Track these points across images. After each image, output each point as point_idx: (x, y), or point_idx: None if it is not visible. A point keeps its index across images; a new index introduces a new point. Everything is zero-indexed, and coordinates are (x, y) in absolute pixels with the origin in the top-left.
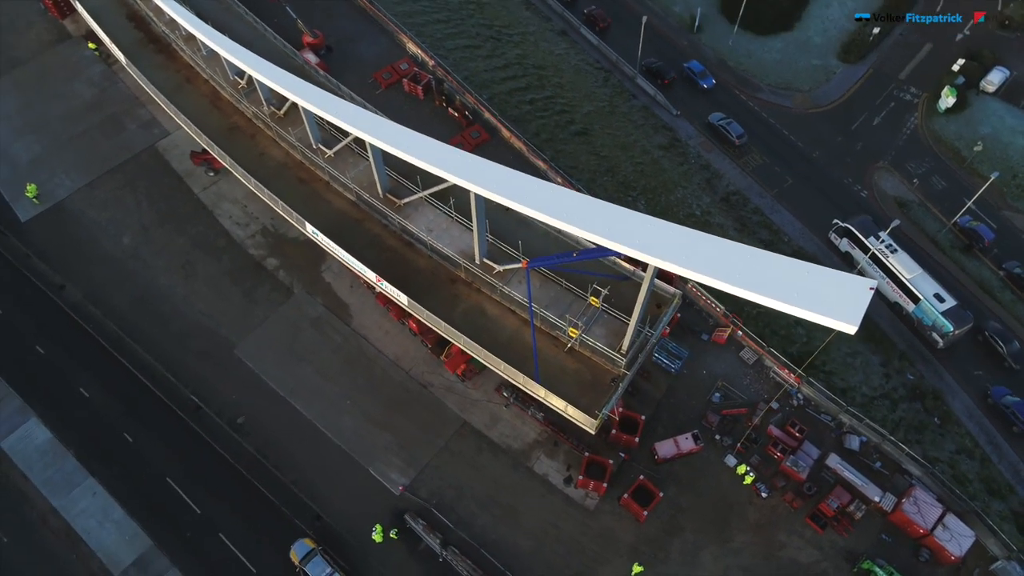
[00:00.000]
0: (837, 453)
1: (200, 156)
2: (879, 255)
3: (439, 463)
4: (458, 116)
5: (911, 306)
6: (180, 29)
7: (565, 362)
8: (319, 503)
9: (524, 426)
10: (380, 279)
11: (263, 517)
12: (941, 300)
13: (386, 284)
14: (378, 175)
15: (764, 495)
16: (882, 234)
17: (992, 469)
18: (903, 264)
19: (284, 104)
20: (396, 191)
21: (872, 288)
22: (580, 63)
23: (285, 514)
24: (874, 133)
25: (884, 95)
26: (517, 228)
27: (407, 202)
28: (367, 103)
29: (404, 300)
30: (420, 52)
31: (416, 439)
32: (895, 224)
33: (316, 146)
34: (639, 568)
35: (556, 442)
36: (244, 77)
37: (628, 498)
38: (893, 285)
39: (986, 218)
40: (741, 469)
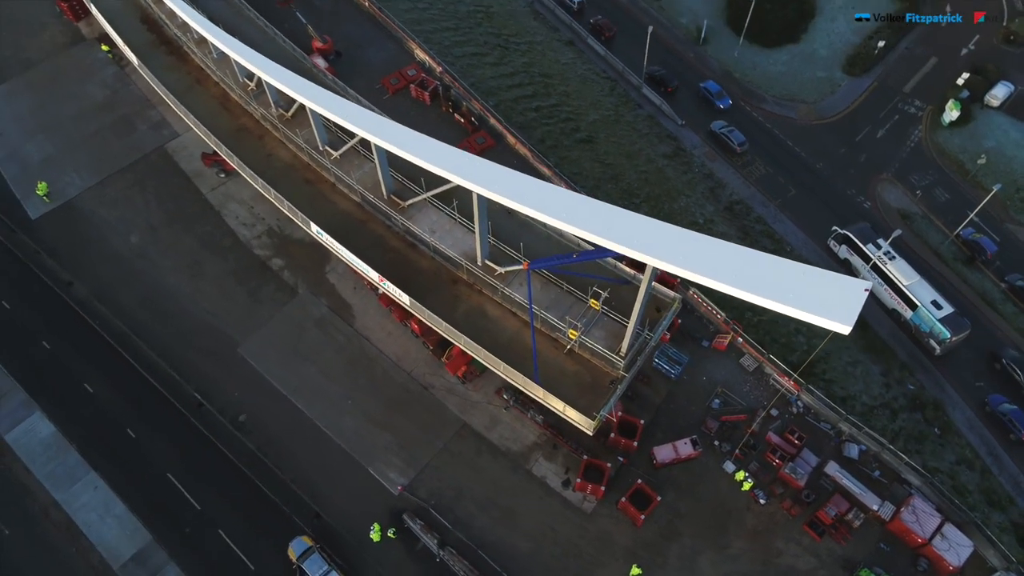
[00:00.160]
0: (836, 461)
1: (211, 157)
2: (877, 262)
3: (438, 464)
4: (464, 122)
5: (909, 313)
6: (192, 32)
7: (564, 364)
8: (318, 501)
9: (523, 429)
10: (383, 279)
11: (262, 514)
12: (938, 307)
13: (388, 284)
14: (383, 176)
15: (762, 502)
16: (883, 243)
17: (992, 480)
18: (901, 271)
19: (292, 106)
20: (400, 193)
21: (867, 289)
22: (586, 72)
23: (284, 512)
24: (878, 145)
25: (888, 108)
26: (519, 231)
27: (411, 203)
28: (374, 107)
29: (406, 300)
30: (428, 59)
31: (416, 440)
32: (897, 234)
33: (323, 148)
34: (637, 571)
35: (555, 445)
36: (253, 79)
37: (626, 502)
38: (891, 292)
39: (989, 231)
40: (740, 475)
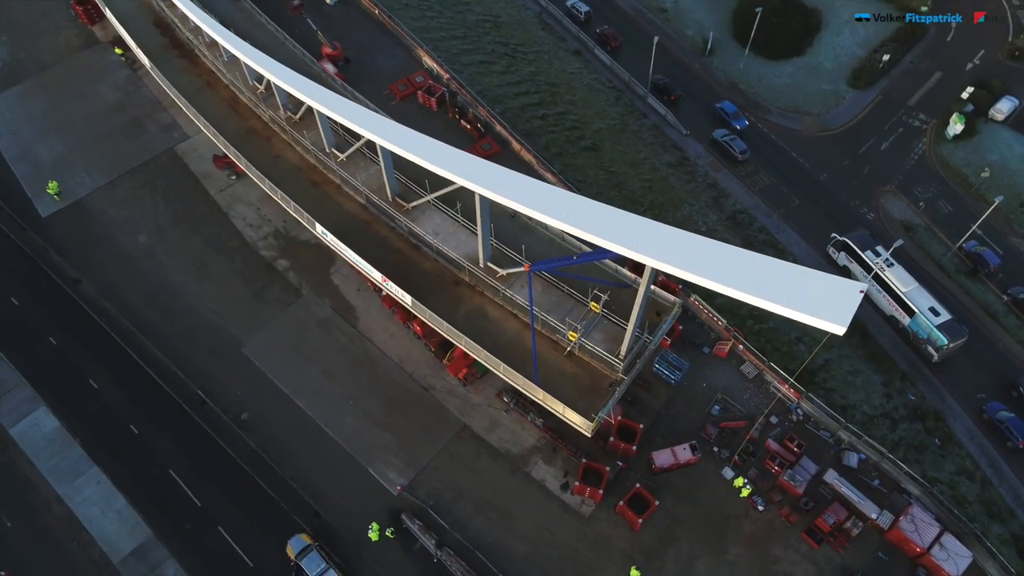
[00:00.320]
0: (835, 469)
1: (222, 160)
2: (875, 268)
3: (438, 465)
4: (470, 128)
5: (907, 319)
6: (204, 35)
7: (564, 366)
8: (318, 500)
9: (523, 431)
10: (386, 279)
11: (262, 512)
12: (936, 314)
13: (391, 284)
14: (387, 178)
15: (760, 508)
16: (882, 250)
17: (993, 492)
18: (899, 278)
19: (300, 109)
20: (405, 195)
21: (862, 291)
22: (593, 82)
23: (284, 510)
24: (882, 157)
25: (893, 121)
26: (521, 234)
27: (415, 205)
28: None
29: (408, 300)
30: (436, 66)
31: (416, 440)
32: (898, 243)
33: (329, 150)
34: (636, 573)
35: (554, 448)
36: (263, 82)
37: (624, 506)
38: (889, 298)
39: (992, 244)
40: (739, 482)
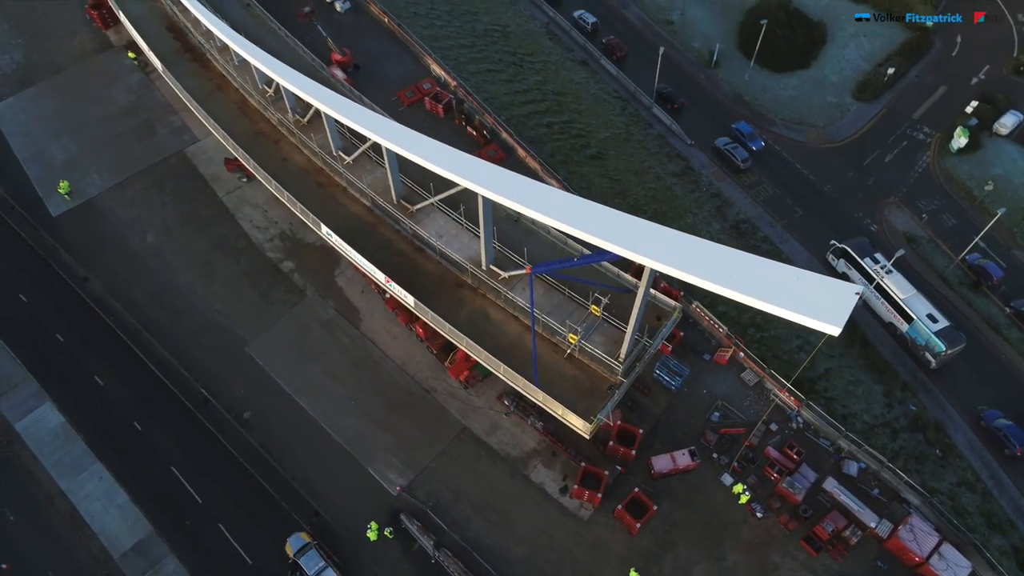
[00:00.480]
0: (835, 478)
1: (233, 163)
2: (874, 275)
3: (438, 466)
4: (476, 135)
5: (905, 326)
6: (215, 39)
7: (564, 368)
8: (318, 499)
9: (523, 435)
10: (389, 280)
11: (262, 510)
12: (934, 320)
13: (394, 285)
14: (393, 180)
15: (759, 515)
16: (880, 257)
17: (993, 504)
18: (897, 284)
19: (308, 112)
20: (409, 197)
21: (858, 293)
22: (599, 92)
23: (284, 508)
24: (886, 170)
25: (897, 133)
26: (524, 238)
27: (419, 208)
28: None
29: (411, 301)
30: (443, 74)
31: (416, 442)
32: (900, 253)
33: (336, 153)
34: (635, 575)
35: (554, 452)
36: (272, 85)
37: (622, 510)
38: (888, 305)
39: (996, 257)
40: (738, 488)
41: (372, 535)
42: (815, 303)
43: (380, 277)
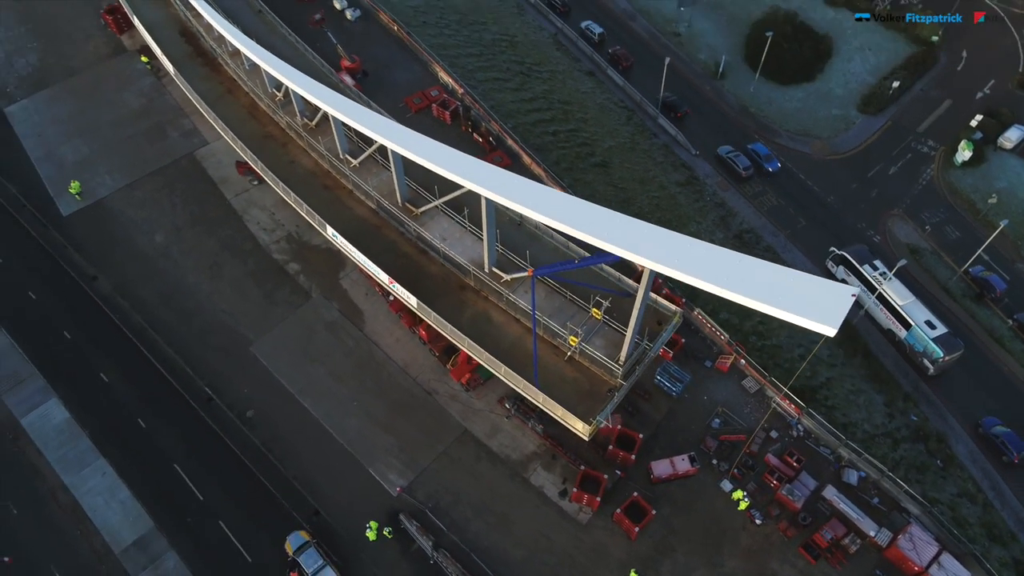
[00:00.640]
0: (835, 486)
1: (244, 166)
2: (873, 282)
3: (438, 468)
4: (483, 141)
5: (903, 332)
6: (227, 44)
7: (564, 370)
8: (318, 498)
9: (524, 438)
10: (392, 281)
11: (263, 508)
12: (932, 327)
13: (398, 286)
14: (398, 183)
15: (758, 522)
16: (879, 264)
17: (994, 515)
18: (896, 291)
19: (316, 115)
20: (414, 200)
21: (854, 295)
22: (605, 101)
23: (284, 507)
24: (890, 182)
25: (901, 146)
26: (527, 241)
27: (424, 210)
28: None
29: (414, 302)
30: (451, 81)
31: (417, 443)
32: (901, 263)
33: (343, 156)
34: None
35: (554, 455)
36: (281, 89)
37: (620, 513)
38: (886, 312)
39: (999, 269)
40: (737, 495)
41: (371, 535)
42: (811, 304)
43: (384, 279)
